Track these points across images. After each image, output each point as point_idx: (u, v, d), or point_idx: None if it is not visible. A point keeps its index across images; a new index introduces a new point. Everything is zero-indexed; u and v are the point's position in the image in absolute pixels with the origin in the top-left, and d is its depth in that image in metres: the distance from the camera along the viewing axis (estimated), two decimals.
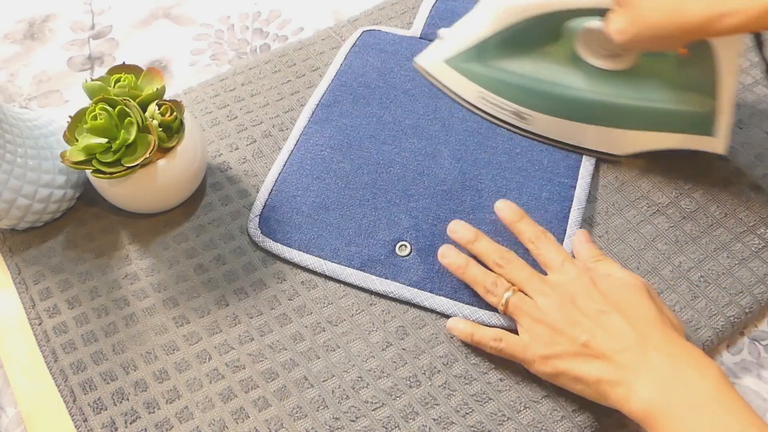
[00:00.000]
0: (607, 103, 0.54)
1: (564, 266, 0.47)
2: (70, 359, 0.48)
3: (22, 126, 0.50)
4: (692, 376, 0.39)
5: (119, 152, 0.48)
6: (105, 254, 0.53)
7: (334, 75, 0.63)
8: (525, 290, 0.46)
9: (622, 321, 0.42)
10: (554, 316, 0.44)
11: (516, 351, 0.45)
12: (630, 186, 0.56)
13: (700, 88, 0.51)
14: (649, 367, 0.40)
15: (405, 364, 0.47)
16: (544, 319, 0.44)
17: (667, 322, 0.43)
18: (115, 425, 0.45)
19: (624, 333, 0.42)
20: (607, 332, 0.42)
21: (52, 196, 0.52)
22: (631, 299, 0.44)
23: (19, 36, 0.72)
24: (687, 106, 0.52)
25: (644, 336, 0.41)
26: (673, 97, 0.53)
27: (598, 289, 0.45)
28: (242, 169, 0.58)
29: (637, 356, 0.41)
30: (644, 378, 0.40)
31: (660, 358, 0.40)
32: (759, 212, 0.54)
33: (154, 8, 0.74)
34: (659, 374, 0.40)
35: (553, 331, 0.44)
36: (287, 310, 0.50)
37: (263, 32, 0.71)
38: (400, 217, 0.53)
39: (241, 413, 0.45)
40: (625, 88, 0.54)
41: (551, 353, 0.43)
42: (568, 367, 0.43)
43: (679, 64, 0.53)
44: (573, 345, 0.43)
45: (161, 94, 0.51)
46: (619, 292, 0.44)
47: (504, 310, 0.46)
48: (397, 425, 0.45)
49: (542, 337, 0.44)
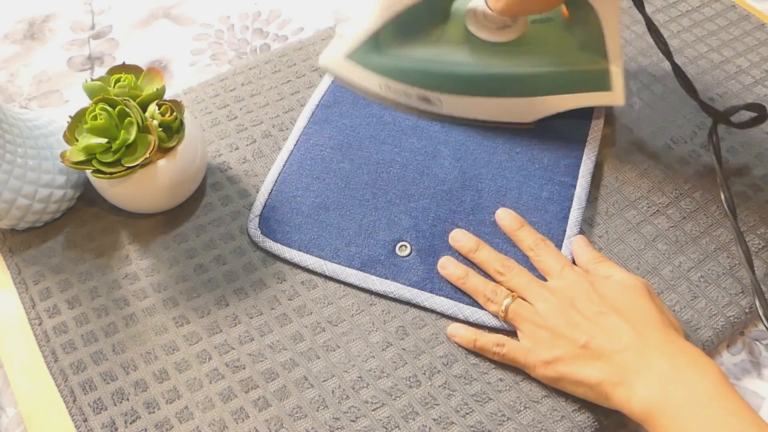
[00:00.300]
0: (506, 75, 0.55)
1: (563, 272, 0.47)
2: (70, 359, 0.48)
3: (22, 126, 0.50)
4: (692, 375, 0.39)
5: (119, 152, 0.48)
6: (105, 254, 0.53)
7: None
8: (525, 296, 0.47)
9: (621, 321, 0.42)
10: (554, 320, 0.44)
11: (518, 356, 0.45)
12: (630, 186, 0.56)
13: (589, 48, 0.53)
14: (649, 367, 0.40)
15: (405, 364, 0.47)
16: (544, 323, 0.45)
17: (667, 322, 0.43)
18: (115, 425, 0.45)
19: (623, 333, 0.42)
20: (606, 333, 0.42)
21: (52, 196, 0.52)
22: (630, 300, 0.44)
23: (19, 36, 0.72)
24: (581, 66, 0.54)
25: (644, 336, 0.42)
26: (567, 60, 0.54)
27: (597, 291, 0.45)
28: (242, 169, 0.58)
29: (637, 356, 0.41)
30: (644, 378, 0.40)
31: (660, 357, 0.40)
32: (759, 212, 0.54)
33: (154, 8, 0.74)
34: (659, 374, 0.40)
35: (553, 335, 0.44)
36: (287, 310, 0.50)
37: (263, 32, 0.71)
38: (400, 217, 0.53)
39: (241, 413, 0.45)
40: (520, 58, 0.55)
41: (552, 357, 0.43)
42: (569, 370, 0.43)
43: (565, 27, 0.55)
44: (573, 347, 0.43)
45: (161, 94, 0.51)
46: (618, 293, 0.45)
47: (504, 317, 0.47)
48: (397, 425, 0.45)
49: (543, 341, 0.44)
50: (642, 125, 0.60)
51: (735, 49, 0.66)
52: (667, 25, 0.68)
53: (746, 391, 0.47)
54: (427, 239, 0.52)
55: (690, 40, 0.67)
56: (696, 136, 0.59)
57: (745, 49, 0.66)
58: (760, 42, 0.66)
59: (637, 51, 0.65)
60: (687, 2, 0.70)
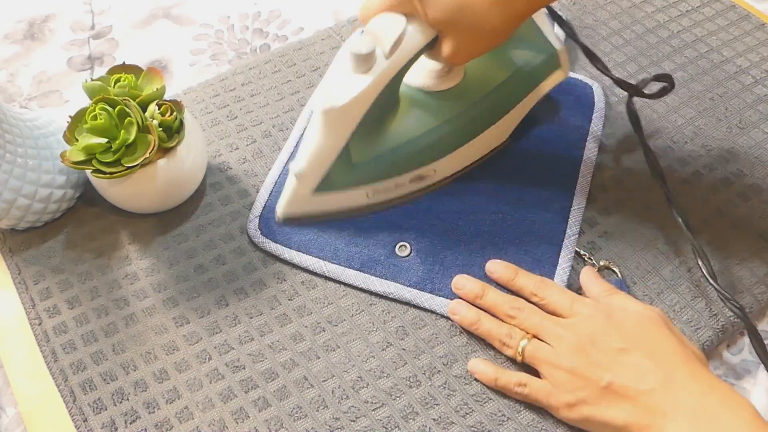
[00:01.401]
0: (480, 108, 0.52)
1: (574, 307, 0.45)
2: (70, 359, 0.48)
3: (22, 126, 0.50)
4: (725, 414, 0.38)
5: (119, 152, 0.48)
6: (105, 254, 0.53)
7: None
8: (540, 336, 0.45)
9: (644, 358, 0.41)
10: (572, 360, 0.42)
11: (539, 397, 0.44)
12: (630, 186, 0.56)
13: (527, 43, 0.53)
14: (679, 409, 0.38)
15: (405, 364, 0.47)
16: (562, 364, 0.43)
17: (691, 354, 0.41)
18: (115, 425, 0.45)
19: (648, 372, 0.40)
20: (630, 372, 0.40)
21: (52, 196, 0.52)
22: (650, 333, 0.42)
23: (19, 36, 0.72)
24: (532, 60, 0.53)
25: (670, 374, 0.40)
26: (518, 63, 0.53)
27: (615, 325, 0.43)
28: (242, 169, 0.58)
29: (664, 397, 0.39)
30: (675, 419, 0.38)
31: (689, 397, 0.39)
32: (759, 212, 0.54)
33: (154, 8, 0.74)
34: (690, 415, 0.38)
35: (573, 375, 0.42)
36: (287, 310, 0.50)
37: (263, 32, 0.71)
38: (400, 217, 0.53)
39: (241, 413, 0.45)
40: (481, 86, 0.53)
41: (575, 399, 0.42)
42: (594, 412, 0.41)
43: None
44: (595, 388, 0.41)
45: (161, 94, 0.51)
46: (637, 327, 0.43)
47: (521, 360, 0.45)
48: (397, 425, 0.45)
49: (564, 383, 0.42)
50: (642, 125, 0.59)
51: (735, 49, 0.66)
52: (667, 25, 0.68)
53: (747, 390, 0.47)
54: (426, 239, 0.52)
55: (690, 40, 0.67)
56: (696, 137, 0.59)
57: (745, 49, 0.66)
58: (760, 42, 0.66)
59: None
60: (687, 2, 0.70)
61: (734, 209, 0.54)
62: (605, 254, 0.52)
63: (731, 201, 0.55)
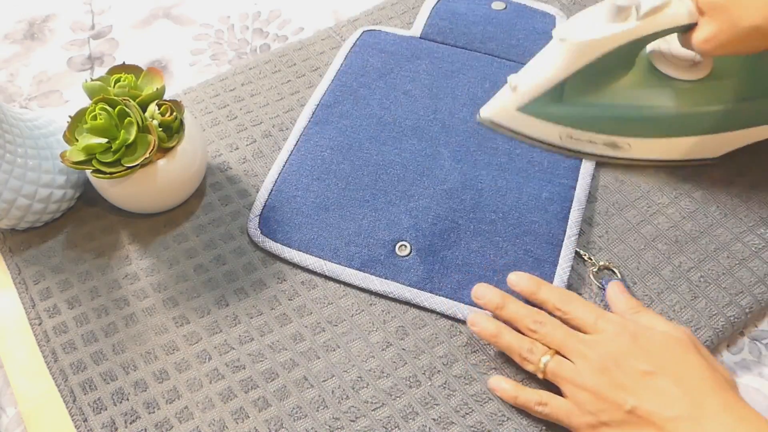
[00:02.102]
0: (700, 113, 0.53)
1: (598, 324, 0.43)
2: (70, 359, 0.48)
3: (22, 126, 0.50)
4: None
5: (119, 152, 0.48)
6: (105, 254, 0.53)
7: (334, 75, 0.63)
8: (563, 352, 0.43)
9: (671, 383, 0.39)
10: (595, 380, 0.41)
11: (560, 416, 0.42)
12: (630, 186, 0.56)
13: None
14: None
15: (405, 364, 0.47)
16: (585, 384, 0.41)
17: (721, 380, 0.40)
18: (115, 425, 0.45)
19: (675, 398, 0.39)
20: (656, 397, 0.39)
21: (52, 196, 0.52)
22: (678, 356, 0.41)
23: (19, 36, 0.72)
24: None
25: (698, 402, 0.38)
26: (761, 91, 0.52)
27: (641, 346, 0.41)
28: (242, 169, 0.58)
29: (692, 425, 0.37)
30: None
31: (720, 428, 0.37)
32: (759, 212, 0.54)
33: (154, 8, 0.74)
34: None
35: (596, 397, 0.40)
36: (287, 310, 0.50)
37: (263, 32, 0.71)
38: (400, 217, 0.53)
39: (241, 413, 0.45)
40: (715, 93, 0.53)
41: (596, 422, 0.40)
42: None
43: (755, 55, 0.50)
44: (618, 412, 0.39)
45: (161, 94, 0.51)
46: (664, 350, 0.41)
47: (543, 376, 0.44)
48: (397, 425, 0.45)
49: (586, 404, 0.41)
50: None
51: None
52: None
53: (747, 389, 0.47)
54: (427, 239, 0.52)
55: None
56: None
57: None
58: None
59: None
60: None
61: (734, 209, 0.54)
62: (605, 254, 0.52)
63: (731, 200, 0.55)
